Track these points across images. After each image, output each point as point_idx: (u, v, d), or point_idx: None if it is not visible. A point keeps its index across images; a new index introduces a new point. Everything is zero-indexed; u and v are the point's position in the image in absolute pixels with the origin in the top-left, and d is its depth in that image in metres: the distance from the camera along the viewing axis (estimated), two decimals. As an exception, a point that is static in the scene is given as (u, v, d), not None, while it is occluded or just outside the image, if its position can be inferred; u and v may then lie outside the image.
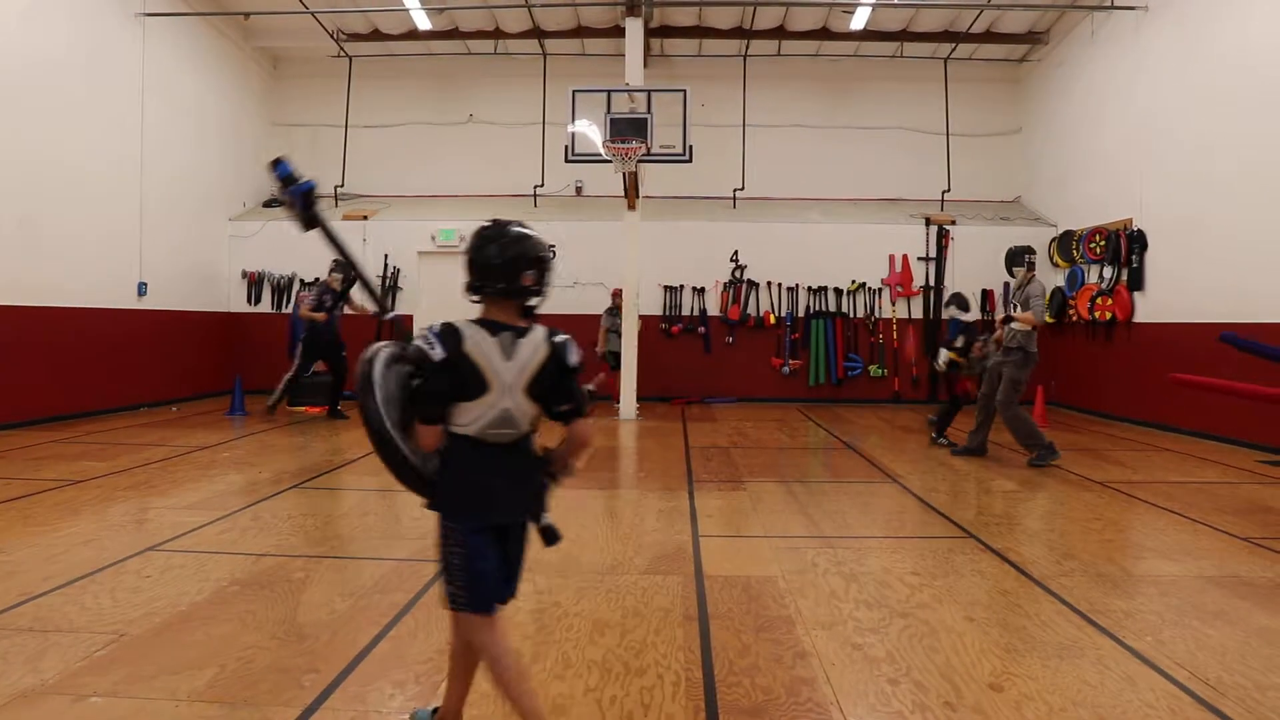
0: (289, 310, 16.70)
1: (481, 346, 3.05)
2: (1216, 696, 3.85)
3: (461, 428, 3.08)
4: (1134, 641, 4.49)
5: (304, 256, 16.82)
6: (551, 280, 3.24)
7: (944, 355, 11.56)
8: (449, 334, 3.03)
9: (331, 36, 17.52)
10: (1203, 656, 4.31)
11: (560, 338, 3.16)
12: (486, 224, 3.19)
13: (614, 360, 15.55)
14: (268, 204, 18.14)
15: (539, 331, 3.15)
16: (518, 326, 3.14)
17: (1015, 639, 4.52)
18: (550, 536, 3.26)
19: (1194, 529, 7.09)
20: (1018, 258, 10.53)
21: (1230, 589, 5.44)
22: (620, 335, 15.38)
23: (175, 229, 15.45)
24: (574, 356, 3.16)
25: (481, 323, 3.10)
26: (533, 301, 3.17)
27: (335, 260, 13.17)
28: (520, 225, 3.18)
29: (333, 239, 3.58)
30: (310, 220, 3.47)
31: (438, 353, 3.00)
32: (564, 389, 3.16)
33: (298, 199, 3.43)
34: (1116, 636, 4.56)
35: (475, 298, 3.17)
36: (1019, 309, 10.19)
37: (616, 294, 15.97)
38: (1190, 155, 12.79)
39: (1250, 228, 11.47)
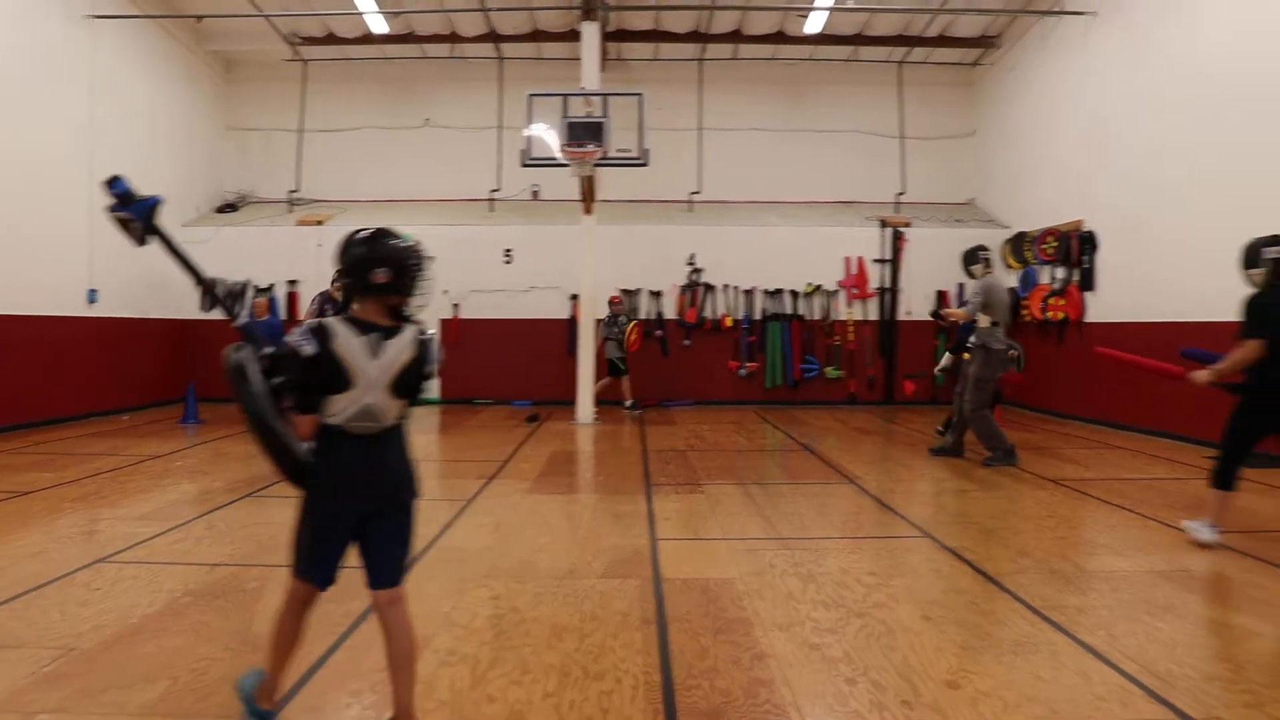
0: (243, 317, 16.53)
1: (349, 345, 3.27)
2: (1166, 688, 3.91)
3: (330, 418, 3.30)
4: (1087, 636, 4.54)
5: (258, 263, 16.66)
6: (422, 283, 3.45)
7: (947, 357, 11.74)
8: (320, 332, 3.25)
9: (285, 40, 17.39)
10: (1153, 649, 4.37)
11: (428, 337, 3.45)
12: (355, 230, 3.45)
13: (612, 368, 15.66)
14: (221, 209, 17.97)
15: (408, 332, 3.39)
16: (386, 327, 3.36)
17: (971, 636, 4.55)
18: None
19: (1144, 525, 7.18)
20: (973, 257, 10.63)
21: (1179, 583, 5.51)
22: (619, 343, 15.47)
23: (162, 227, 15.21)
24: (433, 363, 3.47)
25: (352, 322, 3.32)
26: (396, 301, 3.38)
27: (337, 270, 13.15)
28: (384, 230, 3.43)
29: (175, 251, 3.68)
30: (145, 237, 3.61)
31: (308, 349, 3.22)
32: (423, 384, 3.48)
33: (140, 216, 3.53)
34: (1070, 632, 4.61)
35: (349, 298, 3.40)
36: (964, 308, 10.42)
37: (616, 301, 16.08)
38: (1138, 158, 12.97)
39: (1195, 229, 11.64)
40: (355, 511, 3.39)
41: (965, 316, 10.38)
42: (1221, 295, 10.65)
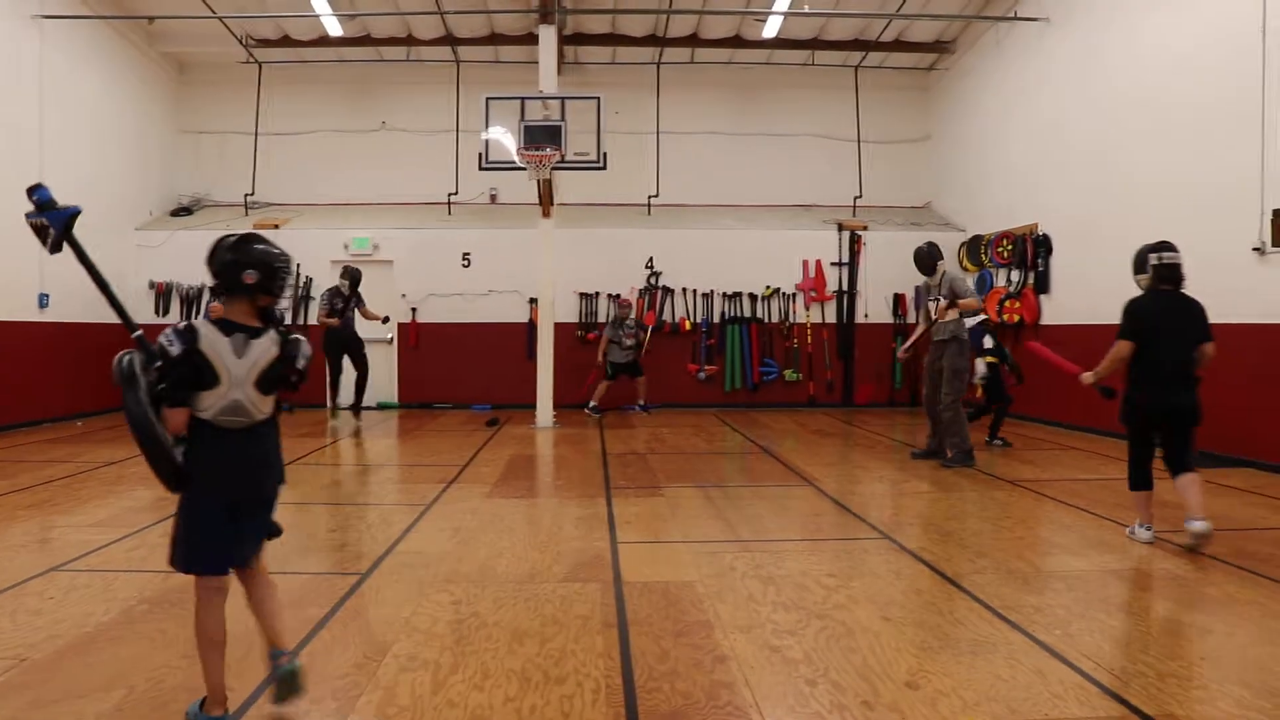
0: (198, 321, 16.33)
1: (215, 345, 3.50)
2: (1121, 685, 3.95)
3: (200, 413, 3.51)
4: (1043, 635, 4.59)
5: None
6: (286, 286, 3.69)
7: (981, 364, 11.74)
8: (187, 333, 3.48)
9: (240, 42, 17.23)
10: (1108, 647, 4.42)
11: (294, 341, 3.68)
12: (223, 237, 3.69)
13: (612, 370, 15.80)
14: (176, 213, 17.77)
15: (270, 334, 3.62)
16: (252, 327, 3.59)
17: (930, 637, 4.58)
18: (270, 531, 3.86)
19: (1099, 524, 7.27)
20: (933, 255, 10.63)
21: (1133, 581, 5.59)
22: (621, 346, 15.67)
23: (80, 238, 14.99)
24: (302, 360, 3.71)
25: (219, 323, 3.55)
26: (265, 301, 3.62)
27: (344, 267, 14.77)
28: (252, 234, 3.69)
29: (86, 262, 3.84)
30: (59, 245, 3.79)
31: (176, 349, 3.44)
32: (289, 382, 3.70)
33: (58, 225, 3.68)
34: (1027, 631, 4.66)
35: (220, 300, 3.65)
36: (943, 302, 10.27)
37: (624, 303, 16.18)
38: (1089, 163, 13.14)
39: (1143, 234, 11.66)
40: (227, 501, 3.59)
41: (976, 304, 10.35)
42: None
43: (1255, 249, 9.86)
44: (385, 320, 15.30)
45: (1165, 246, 6.86)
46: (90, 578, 5.61)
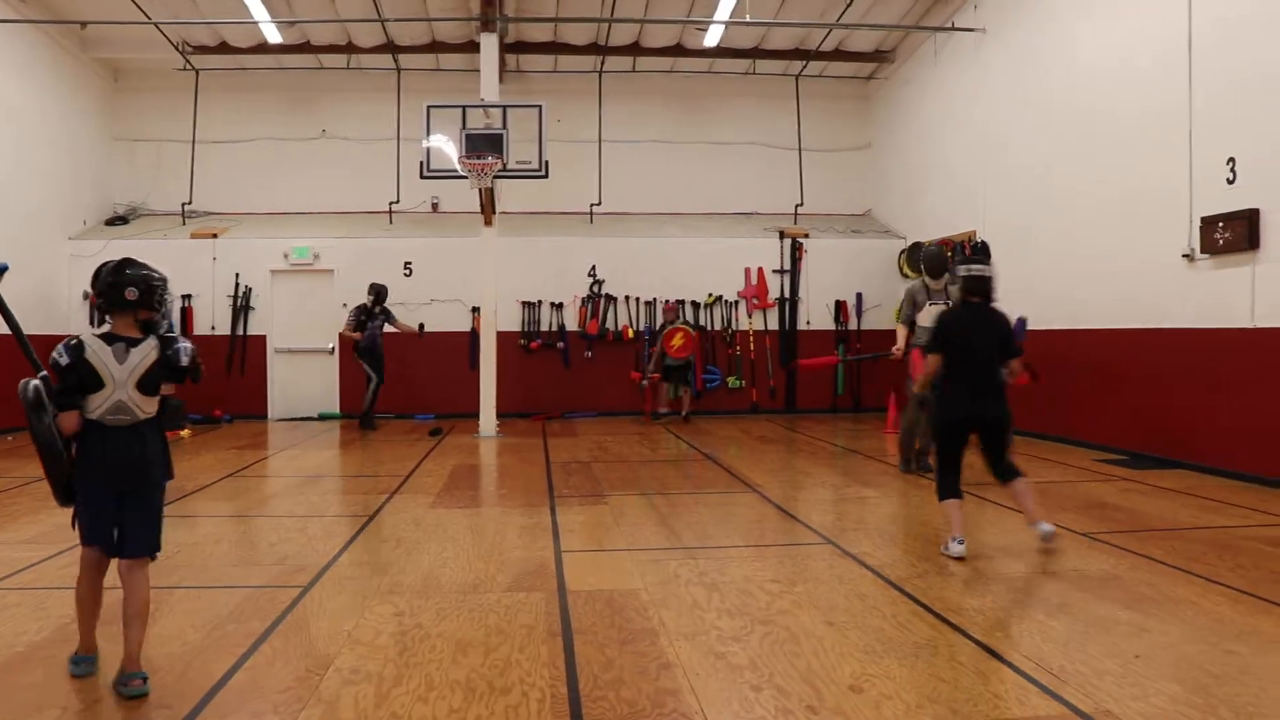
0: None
1: (99, 354, 4.03)
2: (1059, 685, 4.01)
3: (90, 414, 4.04)
4: (984, 637, 4.64)
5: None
6: (163, 302, 4.20)
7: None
8: (74, 346, 4.02)
9: (176, 48, 16.96)
10: (1047, 648, 4.48)
11: (175, 346, 4.17)
12: (105, 262, 4.21)
13: (666, 372, 16.03)
14: (111, 222, 17.48)
15: (150, 341, 4.12)
16: (132, 338, 4.11)
17: (873, 641, 4.62)
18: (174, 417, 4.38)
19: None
20: (945, 256, 10.15)
21: (1071, 582, 5.67)
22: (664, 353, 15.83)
23: (6, 247, 14.63)
24: (184, 359, 4.18)
25: (104, 336, 4.09)
26: (144, 315, 4.13)
27: (371, 284, 15.25)
28: (130, 259, 4.21)
29: (6, 314, 4.54)
30: None
31: (65, 360, 3.98)
32: (179, 379, 4.23)
33: None
34: (968, 633, 4.71)
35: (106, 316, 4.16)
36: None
37: (669, 309, 16.39)
38: (1025, 172, 13.35)
39: (1078, 242, 12.03)
40: (113, 490, 4.09)
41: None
42: (1102, 305, 11.06)
43: (1185, 255, 10.06)
44: (421, 330, 15.93)
45: (975, 259, 6.92)
46: (21, 596, 5.49)
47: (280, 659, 4.41)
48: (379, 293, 15.10)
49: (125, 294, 4.09)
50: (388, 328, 15.32)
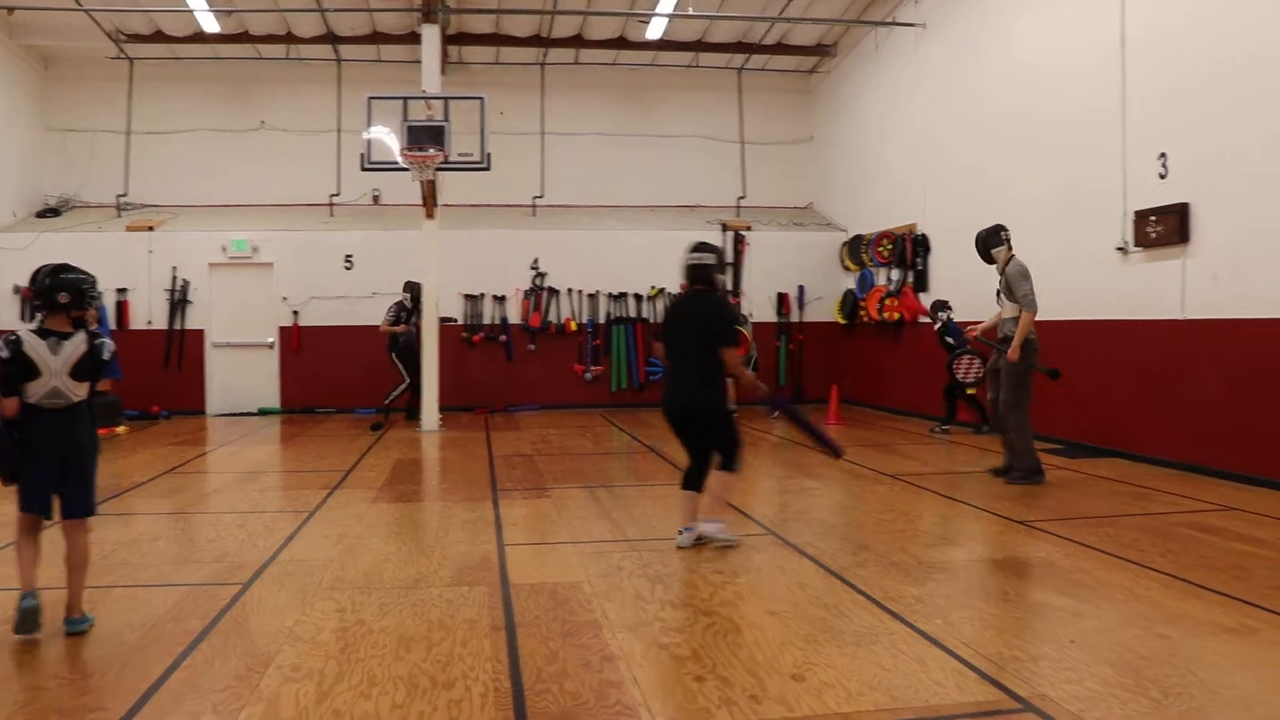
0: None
1: (35, 347, 4.64)
2: (997, 670, 4.08)
3: (29, 399, 4.66)
4: (924, 625, 4.71)
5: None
6: (92, 303, 4.82)
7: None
8: (12, 341, 4.61)
9: (109, 36, 16.61)
10: (986, 634, 4.56)
11: (99, 341, 4.79)
12: (41, 265, 4.82)
13: None
14: (42, 214, 17.11)
15: (80, 335, 4.73)
16: (64, 332, 4.72)
17: (815, 630, 4.66)
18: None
19: (978, 516, 7.48)
20: (995, 237, 9.10)
21: (1010, 570, 5.77)
22: None
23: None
24: (106, 353, 4.81)
25: (39, 331, 4.70)
26: (76, 314, 4.73)
27: (406, 282, 14.98)
28: (65, 265, 4.80)
29: None
30: None
31: (5, 354, 4.58)
32: (99, 373, 4.84)
33: None
34: (909, 621, 4.77)
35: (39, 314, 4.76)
36: (1004, 296, 9.02)
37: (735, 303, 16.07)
38: (963, 166, 13.52)
39: (1015, 235, 12.07)
40: (53, 458, 4.71)
41: (1031, 316, 8.70)
42: (1038, 298, 11.22)
43: (1119, 249, 10.24)
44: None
45: (699, 247, 6.74)
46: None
47: (220, 657, 4.36)
48: (415, 291, 14.95)
49: (58, 297, 4.70)
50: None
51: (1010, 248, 9.01)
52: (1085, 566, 5.84)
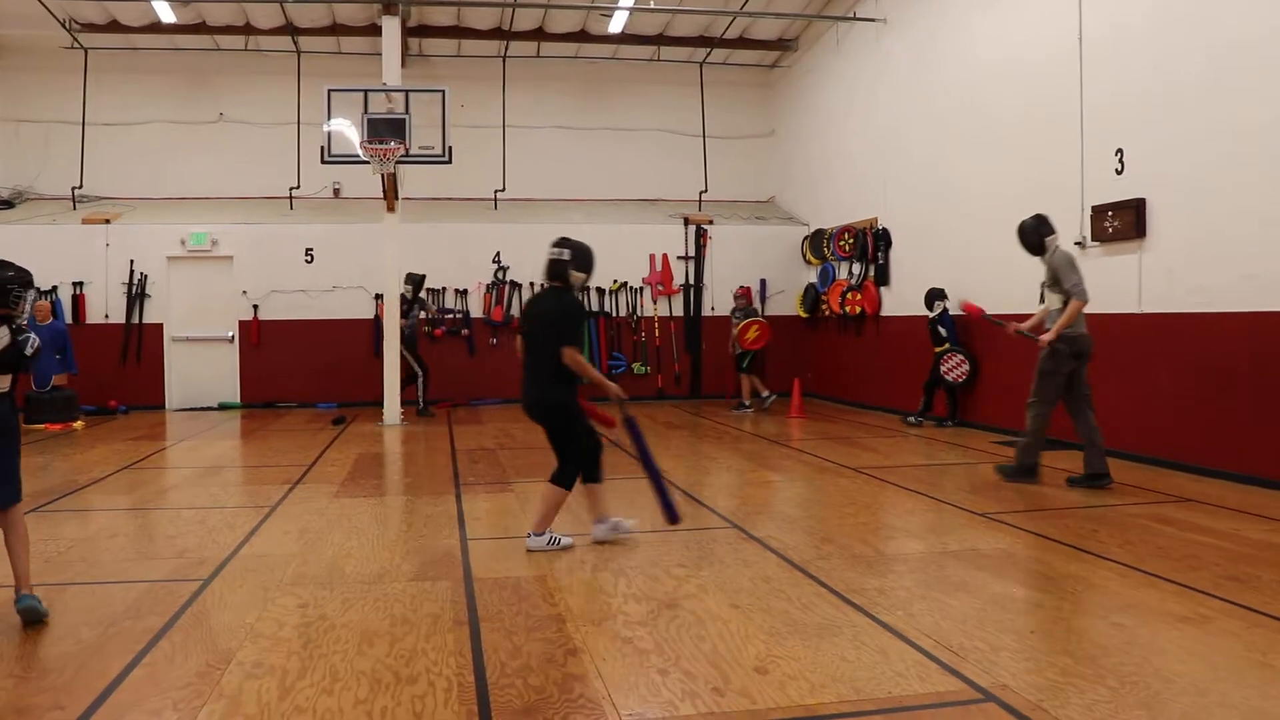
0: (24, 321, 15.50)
1: None
2: (958, 661, 4.12)
3: None
4: (886, 616, 4.74)
5: (40, 264, 15.67)
6: (18, 300, 4.89)
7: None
8: None
9: (63, 25, 16.36)
10: (946, 625, 4.60)
11: (22, 336, 4.90)
12: None
13: (741, 361, 15.67)
14: (-4, 206, 16.88)
15: (4, 329, 4.83)
16: None
17: (778, 623, 4.69)
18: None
19: (938, 508, 7.55)
20: (1046, 226, 8.49)
21: (970, 561, 5.82)
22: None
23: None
24: (29, 348, 4.93)
25: None
26: (2, 313, 4.82)
27: (408, 274, 15.10)
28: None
29: None
30: None
31: None
32: (22, 366, 4.99)
33: None
34: (870, 613, 4.80)
35: None
36: (1048, 288, 8.46)
37: (746, 294, 16.18)
38: (923, 162, 13.61)
39: (973, 233, 12.33)
40: None
41: (1080, 304, 8.11)
42: (998, 292, 11.31)
43: (1077, 243, 10.34)
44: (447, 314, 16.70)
45: (559, 242, 6.79)
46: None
47: (180, 654, 4.32)
48: (417, 282, 15.04)
49: None
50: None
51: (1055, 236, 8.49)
52: (1044, 557, 5.91)
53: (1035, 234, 8.46)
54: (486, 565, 5.86)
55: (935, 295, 12.87)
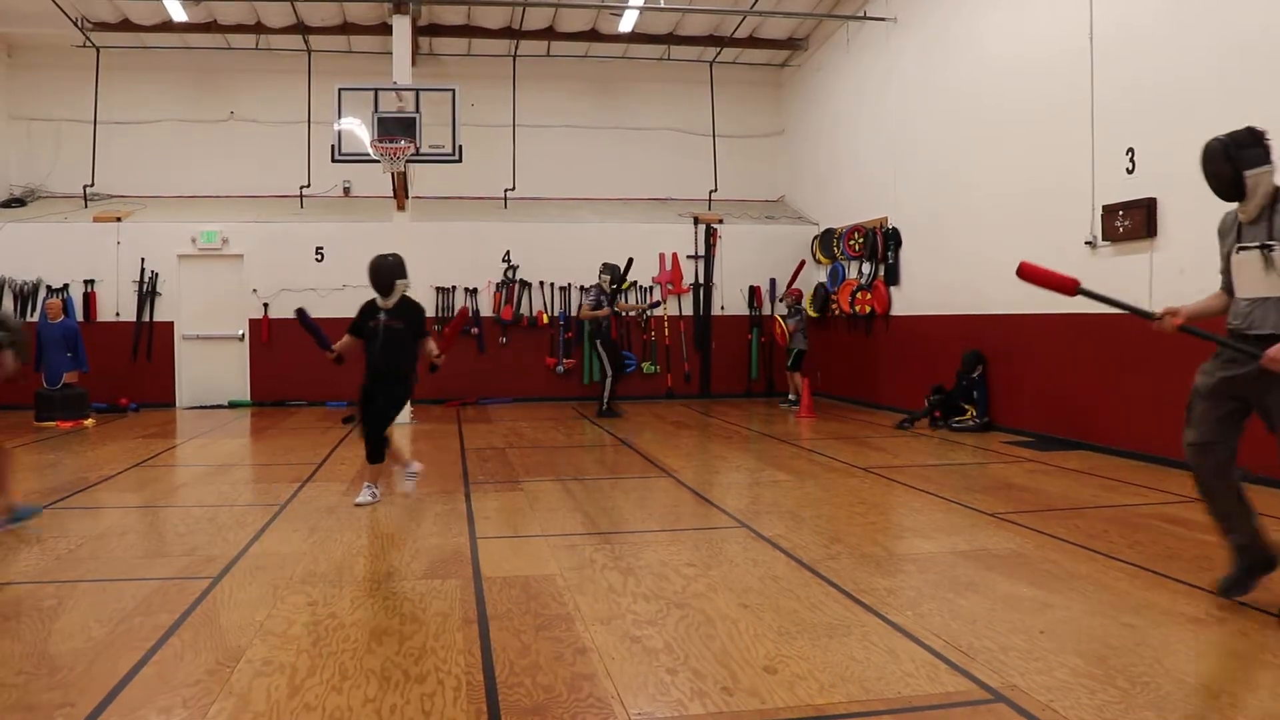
0: (35, 318, 15.56)
1: None
2: (968, 661, 4.11)
3: None
4: (895, 616, 4.73)
5: (51, 262, 15.82)
6: None
7: None
8: None
9: (75, 24, 16.38)
10: (956, 625, 4.59)
11: None
12: None
13: (794, 360, 15.75)
14: (7, 204, 16.91)
15: None
16: None
17: (787, 622, 4.68)
18: None
19: (948, 508, 7.53)
20: (1253, 149, 5.05)
21: (979, 561, 5.80)
22: (804, 334, 15.66)
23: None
24: None
25: None
26: None
27: (604, 264, 15.21)
28: None
29: None
30: None
31: None
32: None
33: None
34: (880, 613, 4.80)
35: None
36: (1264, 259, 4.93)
37: (796, 295, 16.24)
38: (933, 162, 13.58)
39: (981, 232, 12.30)
40: None
41: None
42: (1008, 291, 11.29)
43: (1088, 243, 10.32)
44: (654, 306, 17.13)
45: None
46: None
47: (190, 652, 4.33)
48: (615, 272, 15.07)
49: None
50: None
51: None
52: (1054, 558, 5.89)
53: (1229, 161, 5.12)
54: (495, 564, 5.85)
55: (976, 359, 12.33)
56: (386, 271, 8.31)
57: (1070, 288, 5.58)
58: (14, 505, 6.65)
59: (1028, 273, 5.75)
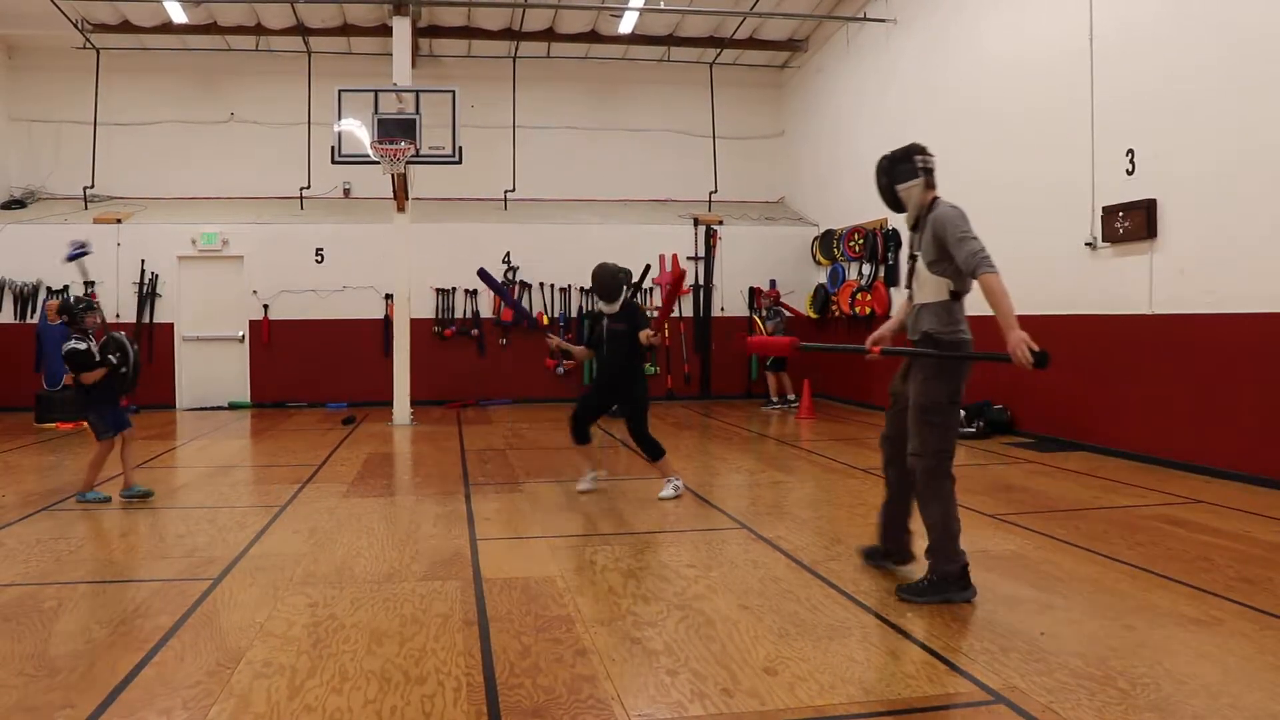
0: (35, 320, 15.57)
1: None
2: (967, 662, 4.11)
3: None
4: (895, 618, 4.74)
5: (52, 264, 15.79)
6: None
7: None
8: None
9: (75, 26, 16.40)
10: (955, 626, 4.59)
11: None
12: None
13: (773, 361, 15.87)
14: (7, 205, 16.91)
15: None
16: None
17: (787, 624, 4.68)
18: None
19: (947, 510, 7.51)
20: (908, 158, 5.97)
21: (979, 562, 5.78)
22: (783, 335, 15.54)
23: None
24: None
25: None
26: None
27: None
28: None
29: None
30: None
31: None
32: None
33: None
34: (880, 614, 4.80)
35: None
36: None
37: (774, 296, 16.49)
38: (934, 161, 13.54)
39: (983, 230, 12.11)
40: None
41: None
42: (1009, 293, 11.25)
43: (1087, 244, 10.32)
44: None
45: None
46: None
47: (190, 653, 4.33)
48: (627, 278, 15.19)
49: None
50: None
51: None
52: (1054, 559, 5.90)
53: (884, 176, 6.06)
54: (496, 565, 5.85)
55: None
56: (614, 281, 8.57)
57: (788, 347, 7.11)
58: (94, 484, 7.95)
59: (754, 345, 8.58)
